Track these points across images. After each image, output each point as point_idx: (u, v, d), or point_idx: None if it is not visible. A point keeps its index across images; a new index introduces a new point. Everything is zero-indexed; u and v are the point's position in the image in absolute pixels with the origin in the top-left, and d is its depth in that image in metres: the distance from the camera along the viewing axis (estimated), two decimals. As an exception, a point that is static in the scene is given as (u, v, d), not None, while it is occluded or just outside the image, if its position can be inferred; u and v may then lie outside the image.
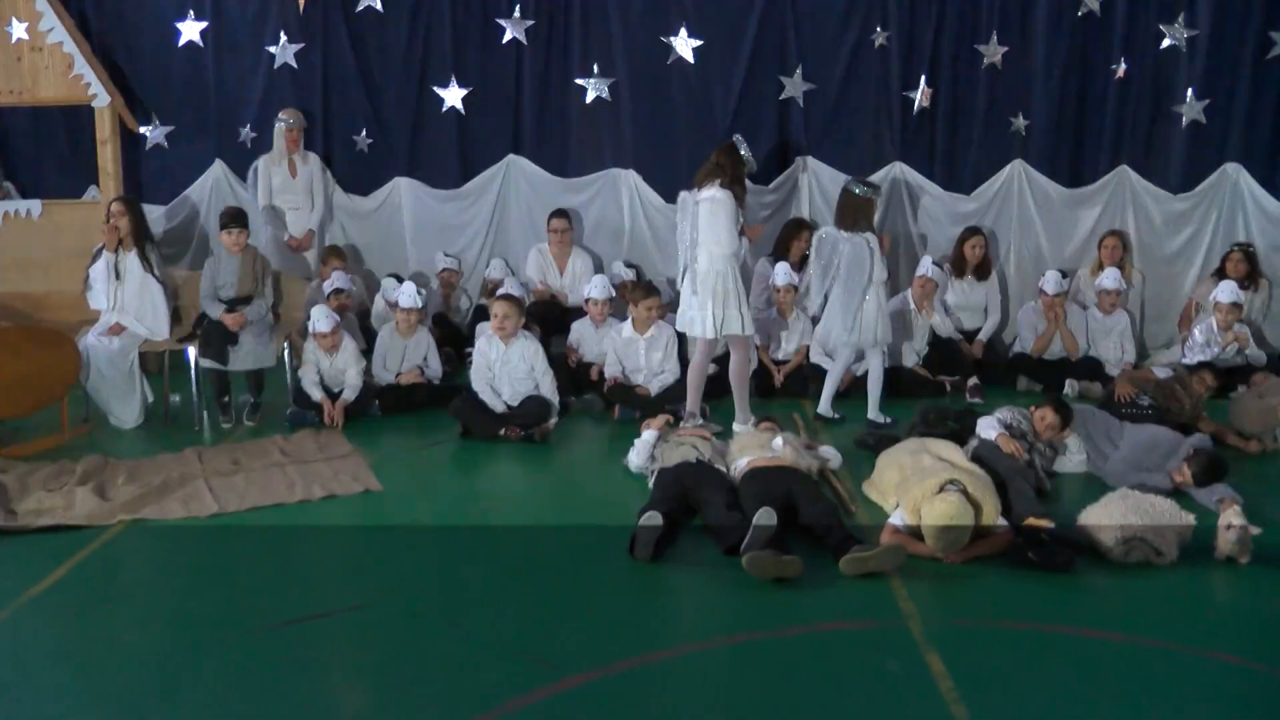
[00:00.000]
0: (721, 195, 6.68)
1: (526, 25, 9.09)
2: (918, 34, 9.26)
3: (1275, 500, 5.85)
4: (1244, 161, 9.60)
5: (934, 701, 3.86)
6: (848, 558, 4.85)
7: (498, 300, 7.24)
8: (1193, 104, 9.53)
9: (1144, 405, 6.89)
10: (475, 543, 5.33)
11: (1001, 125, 9.42)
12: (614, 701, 3.85)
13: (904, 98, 9.31)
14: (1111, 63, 9.44)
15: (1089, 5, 9.30)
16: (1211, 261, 9.59)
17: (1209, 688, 4.07)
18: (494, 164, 9.32)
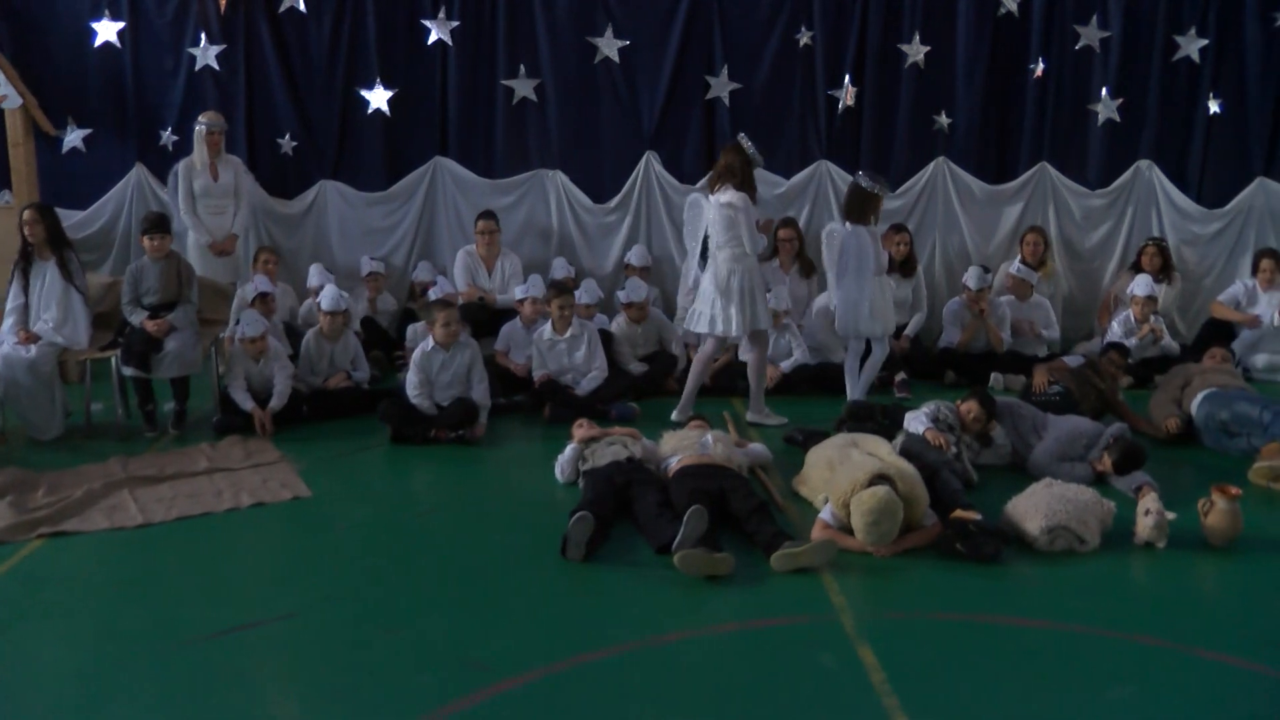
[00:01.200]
0: (739, 199, 6.90)
1: (452, 26, 9.04)
2: (842, 33, 9.37)
3: (1190, 486, 6.00)
4: (1156, 159, 9.90)
5: (866, 694, 3.92)
6: (779, 554, 4.89)
7: (440, 307, 7.17)
8: (1108, 103, 9.79)
9: (1052, 393, 7.02)
10: (408, 547, 5.28)
11: (925, 123, 9.57)
12: (550, 703, 3.85)
13: (829, 97, 9.42)
14: (1030, 62, 9.66)
15: (1007, 6, 9.49)
16: (1128, 256, 9.87)
17: (1131, 669, 4.17)
18: (420, 166, 9.26)
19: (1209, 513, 5.38)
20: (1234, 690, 4.06)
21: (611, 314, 8.50)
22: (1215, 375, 7.26)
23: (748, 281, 7.01)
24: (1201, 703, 3.95)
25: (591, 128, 9.30)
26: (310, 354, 7.51)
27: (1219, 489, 5.38)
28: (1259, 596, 4.92)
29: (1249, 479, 6.29)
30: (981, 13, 9.50)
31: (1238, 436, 6.84)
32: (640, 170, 9.29)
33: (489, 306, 8.63)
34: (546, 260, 9.21)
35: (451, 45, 9.08)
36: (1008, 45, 9.63)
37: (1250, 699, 4.01)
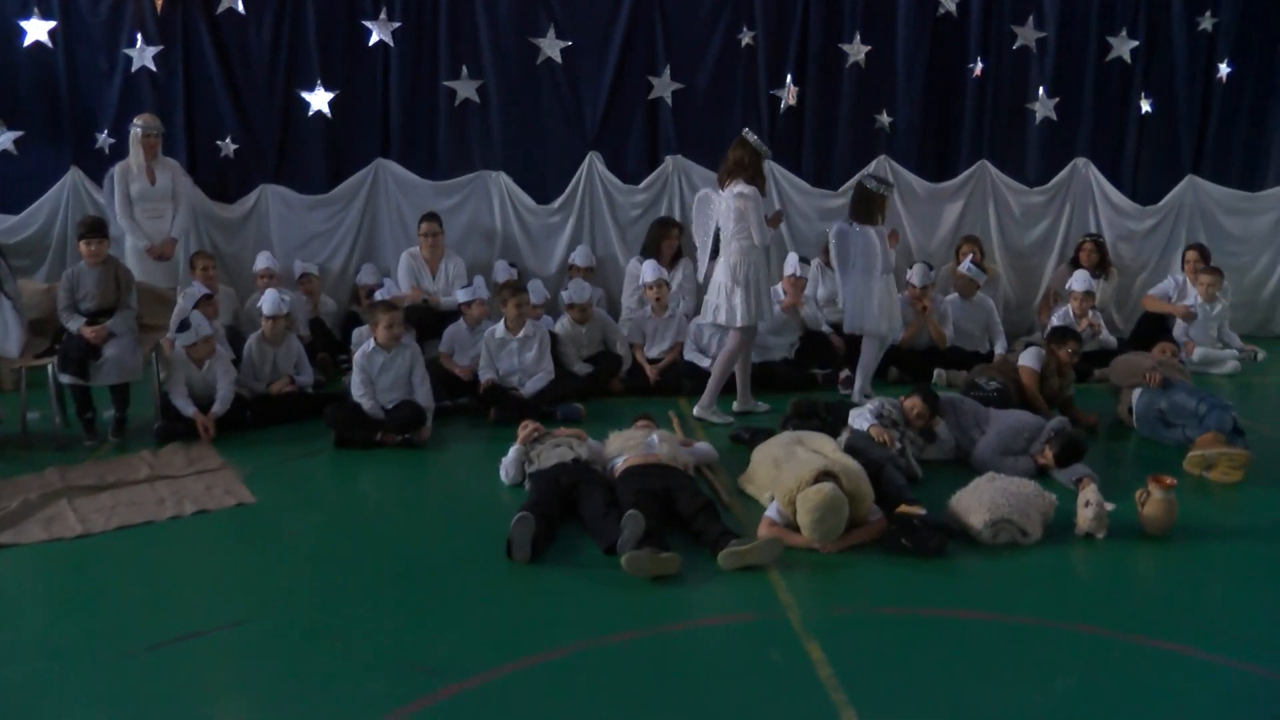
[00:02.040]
0: (750, 191, 7.03)
1: (393, 27, 8.97)
2: (783, 33, 9.44)
3: (1128, 478, 6.09)
4: (1092, 157, 10.11)
5: (814, 689, 3.94)
6: (726, 552, 4.91)
7: (381, 309, 7.11)
8: (1045, 102, 9.96)
9: (990, 390, 7.10)
10: (353, 552, 5.22)
11: (866, 122, 9.67)
12: (498, 706, 3.84)
13: (771, 96, 9.47)
14: (969, 62, 9.79)
15: (946, 6, 9.62)
16: (1066, 252, 10.05)
17: (1073, 659, 4.24)
18: (362, 168, 9.18)
19: (1146, 503, 5.49)
20: (1171, 675, 4.15)
21: (556, 315, 8.48)
22: (1138, 364, 7.39)
23: (754, 273, 7.13)
24: (1141, 689, 4.02)
25: (534, 129, 9.28)
26: (253, 359, 7.43)
27: (1155, 480, 5.49)
28: (1194, 583, 5.04)
29: (1184, 468, 6.41)
30: (921, 13, 9.62)
31: (1174, 427, 6.99)
32: (583, 171, 9.29)
33: (433, 309, 8.57)
34: (491, 261, 9.18)
35: (393, 46, 9.01)
36: (947, 45, 9.77)
37: (1186, 682, 4.10)
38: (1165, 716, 3.85)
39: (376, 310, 7.14)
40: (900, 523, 5.24)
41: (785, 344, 8.55)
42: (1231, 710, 3.92)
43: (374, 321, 7.06)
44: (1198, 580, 5.07)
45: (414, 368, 7.03)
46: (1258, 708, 3.95)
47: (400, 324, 7.04)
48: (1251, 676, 4.15)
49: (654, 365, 8.20)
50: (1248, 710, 3.93)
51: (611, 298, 9.22)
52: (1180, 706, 3.92)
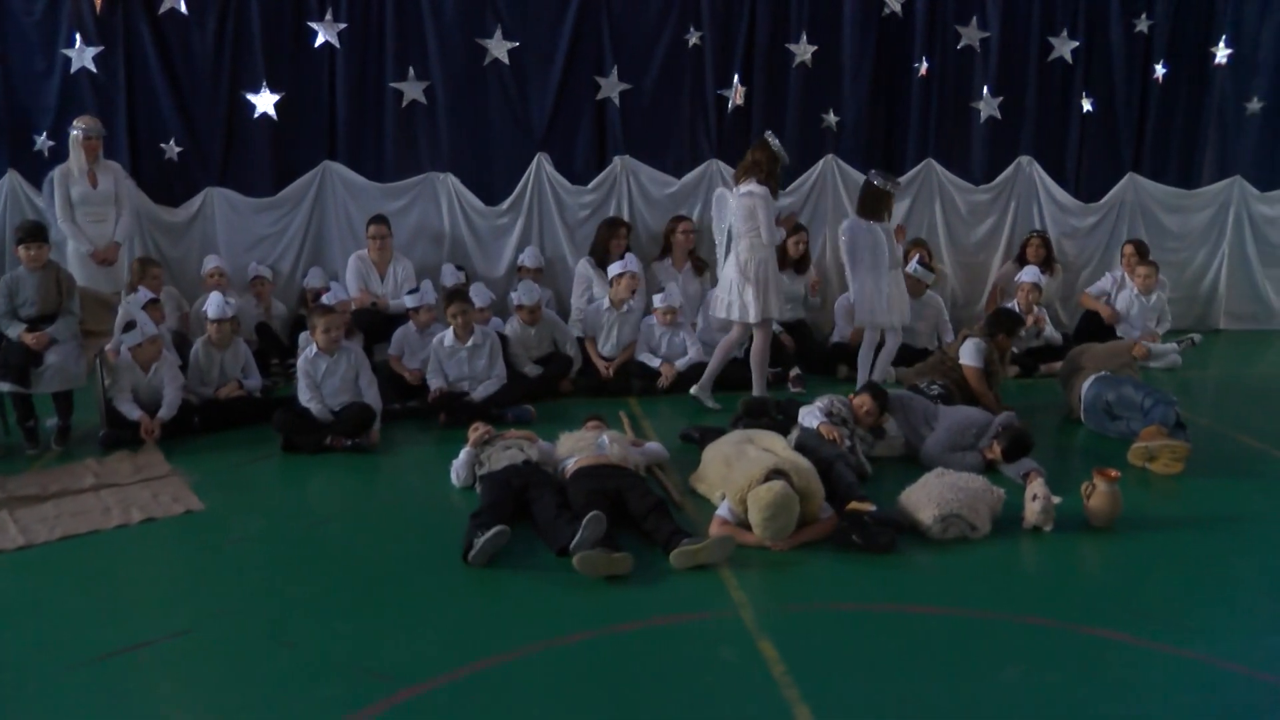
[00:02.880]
0: (761, 191, 7.22)
1: (339, 28, 8.88)
2: (730, 34, 9.47)
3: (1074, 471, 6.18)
4: (1036, 155, 10.27)
5: (768, 687, 3.97)
6: (678, 551, 4.92)
7: (318, 313, 7.09)
8: (989, 101, 10.09)
9: (933, 393, 7.16)
10: (303, 557, 5.18)
11: (813, 122, 9.72)
12: (452, 710, 3.82)
13: (719, 96, 9.50)
14: (914, 61, 9.88)
15: (891, 6, 9.71)
16: (1012, 249, 10.19)
17: (1021, 650, 4.30)
18: (309, 170, 9.08)
19: (1091, 496, 5.58)
20: (1114, 662, 4.22)
21: (505, 316, 8.46)
22: (1117, 350, 7.49)
23: (763, 271, 7.29)
24: (1085, 677, 4.09)
25: (482, 130, 9.23)
26: (200, 363, 7.34)
27: (1099, 473, 5.58)
28: (1136, 573, 5.13)
29: (1128, 459, 6.53)
30: (866, 13, 9.70)
31: (1119, 419, 7.11)
32: (531, 172, 9.26)
33: (382, 311, 8.51)
34: (439, 264, 9.12)
35: (339, 48, 8.92)
36: (892, 45, 9.86)
37: (1128, 670, 4.17)
38: (1109, 703, 3.91)
39: (314, 314, 7.12)
40: (851, 520, 5.27)
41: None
42: (1172, 696, 3.99)
43: (312, 326, 7.03)
44: (1140, 570, 5.15)
45: (360, 371, 6.99)
46: (1198, 693, 4.02)
47: (339, 327, 7.01)
48: (1191, 662, 4.24)
49: (605, 361, 8.21)
50: (1188, 695, 4.00)
51: (561, 299, 9.20)
52: (1123, 693, 3.99)
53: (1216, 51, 10.64)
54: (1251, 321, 11.23)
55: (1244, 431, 7.42)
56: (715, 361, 7.72)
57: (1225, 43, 10.65)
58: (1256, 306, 11.24)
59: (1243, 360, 9.98)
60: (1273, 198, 11.04)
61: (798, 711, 3.79)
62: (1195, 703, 3.95)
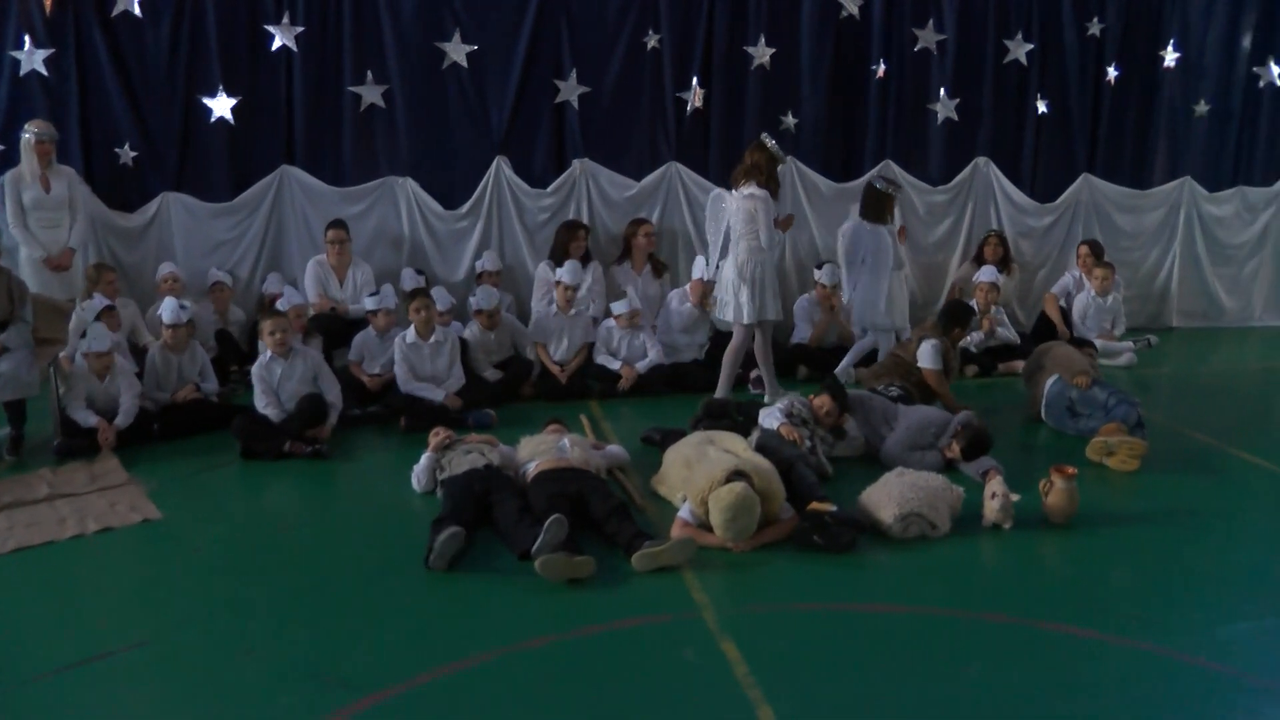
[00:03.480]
0: (761, 193, 7.34)
1: (296, 31, 8.79)
2: (689, 36, 9.47)
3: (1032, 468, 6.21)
4: (992, 156, 10.37)
5: (731, 687, 3.98)
6: (639, 554, 4.93)
7: (265, 316, 7.07)
8: (946, 102, 10.17)
9: (891, 395, 7.21)
10: (263, 565, 5.14)
11: (772, 124, 9.73)
12: (415, 717, 3.81)
13: (677, 99, 9.51)
14: (871, 63, 9.94)
15: (849, 9, 9.76)
16: (970, 249, 10.28)
17: (982, 646, 4.36)
18: (267, 175, 8.96)
19: (1049, 493, 5.65)
20: (1074, 657, 4.28)
21: (464, 321, 8.43)
22: (1077, 361, 7.57)
23: (759, 273, 7.39)
24: (1045, 672, 4.15)
25: (441, 134, 9.18)
26: (157, 369, 7.25)
27: (1057, 470, 5.65)
28: (1094, 568, 5.20)
29: (1086, 454, 6.62)
30: (824, 16, 9.74)
31: (1080, 416, 7.19)
32: (490, 176, 9.21)
33: (341, 317, 8.45)
34: (399, 268, 9.05)
35: (296, 51, 8.83)
36: (850, 47, 9.90)
37: (1088, 664, 4.23)
38: (1068, 698, 3.97)
39: (263, 318, 7.08)
40: (812, 520, 5.30)
41: (695, 345, 8.61)
42: (1131, 688, 4.05)
43: (262, 330, 6.99)
44: (1098, 565, 5.23)
45: (318, 373, 6.96)
46: (1156, 685, 4.09)
47: (288, 329, 6.97)
48: (1148, 655, 4.31)
49: (560, 367, 8.17)
50: (1146, 688, 4.06)
51: (521, 303, 9.16)
52: (1082, 688, 4.04)
53: (1165, 55, 10.81)
54: (1202, 319, 11.42)
55: (1197, 428, 7.54)
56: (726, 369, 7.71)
57: (1173, 47, 10.82)
58: (1207, 304, 11.44)
59: (1195, 358, 10.13)
60: (1221, 198, 11.25)
61: (761, 712, 3.81)
62: (1152, 695, 4.01)
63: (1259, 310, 11.66)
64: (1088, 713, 3.88)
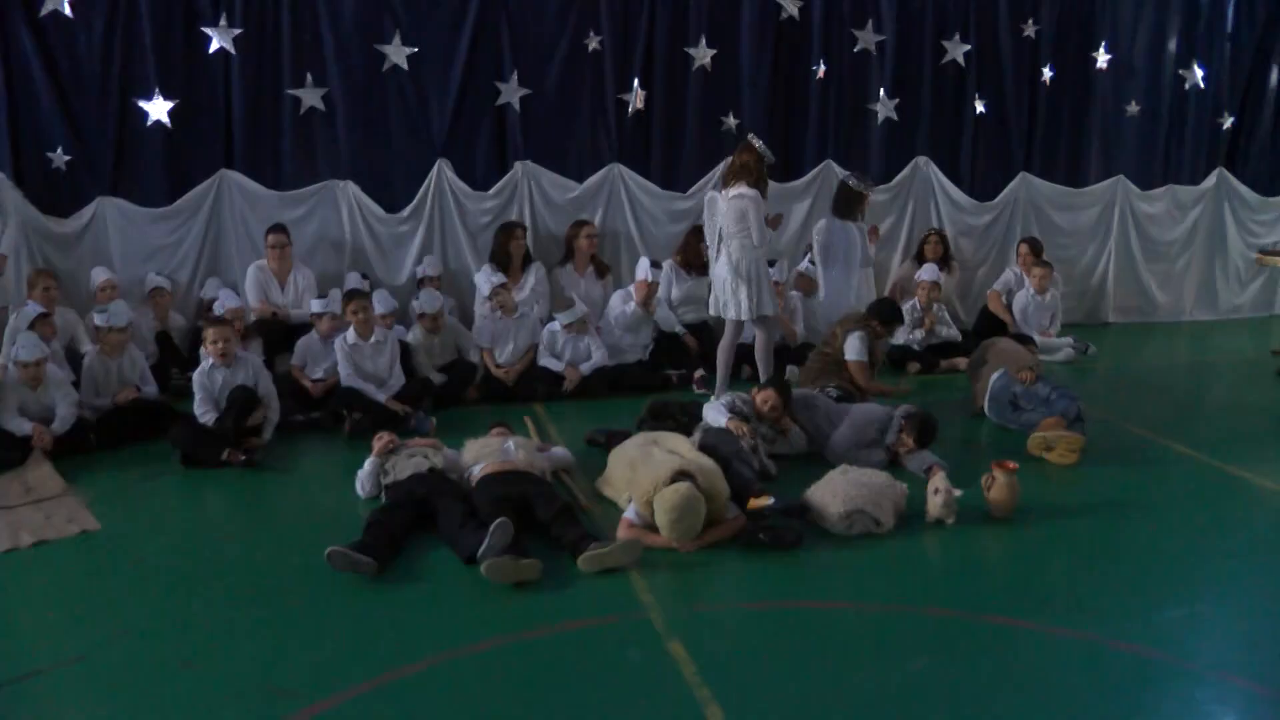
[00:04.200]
0: (751, 193, 7.38)
1: (234, 34, 8.66)
2: (630, 38, 9.48)
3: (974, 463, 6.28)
4: (931, 155, 10.49)
5: (679, 688, 3.99)
6: (586, 555, 4.92)
7: (209, 325, 6.96)
8: (885, 103, 10.28)
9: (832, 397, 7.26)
10: (204, 575, 5.05)
11: (713, 125, 9.79)
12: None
13: (619, 100, 9.51)
14: (812, 64, 10.01)
15: (788, 10, 9.82)
16: (910, 248, 10.40)
17: (926, 640, 4.41)
18: (205, 179, 8.82)
19: (991, 487, 5.73)
20: (1017, 649, 4.36)
21: (407, 325, 8.37)
22: (1020, 356, 7.67)
23: (755, 270, 7.45)
24: (989, 664, 4.21)
25: (382, 137, 9.10)
26: (95, 375, 7.10)
27: (999, 465, 5.74)
28: (1036, 561, 5.29)
29: (1027, 449, 6.72)
30: (764, 17, 9.80)
31: (1021, 411, 7.31)
32: (432, 179, 9.16)
33: (283, 322, 8.36)
34: (340, 273, 8.97)
35: (234, 53, 8.70)
36: (790, 48, 9.98)
37: (1031, 655, 4.31)
38: (1012, 689, 4.02)
39: (206, 325, 6.98)
40: (756, 518, 5.32)
41: (639, 346, 8.62)
42: (1071, 678, 4.12)
43: (205, 337, 6.89)
44: (1040, 558, 5.31)
45: (259, 380, 6.88)
46: (1095, 673, 4.16)
47: (232, 339, 6.88)
48: (1088, 644, 4.38)
49: (505, 370, 8.14)
50: (1087, 676, 4.13)
51: (464, 306, 9.12)
52: (1025, 678, 4.10)
53: (1097, 56, 11.03)
54: (1138, 315, 11.66)
55: (1133, 421, 7.69)
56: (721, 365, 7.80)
57: (1105, 48, 11.04)
58: (1142, 300, 11.69)
59: (1131, 352, 10.33)
60: (1153, 196, 11.52)
61: (709, 711, 3.82)
62: (1092, 683, 4.08)
63: (1190, 306, 11.95)
64: (1031, 702, 3.94)
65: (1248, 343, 10.90)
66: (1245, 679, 4.16)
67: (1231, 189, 11.86)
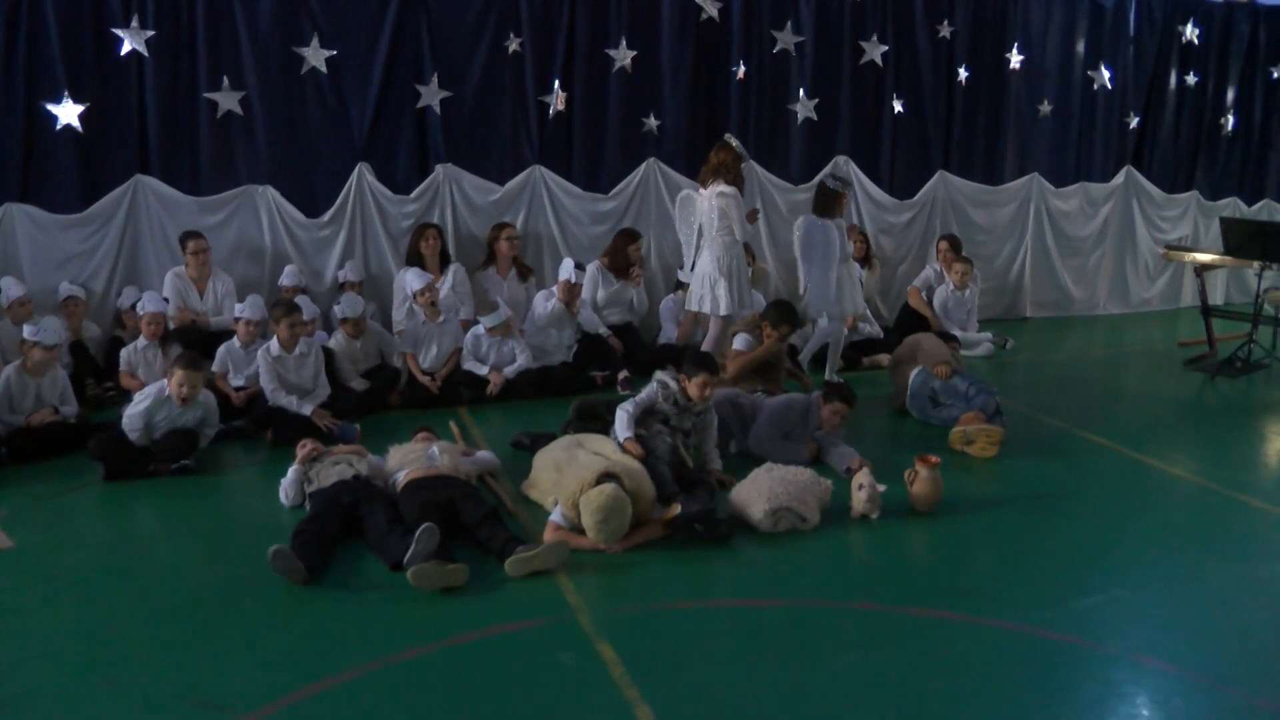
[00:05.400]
0: (731, 191, 7.60)
1: (147, 36, 8.46)
2: (550, 40, 9.46)
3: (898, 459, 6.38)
4: (851, 154, 10.63)
5: (608, 689, 4.01)
6: (513, 559, 4.92)
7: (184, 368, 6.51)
8: (805, 103, 10.39)
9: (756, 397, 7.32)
10: (127, 589, 4.94)
11: (635, 126, 9.81)
12: (287, 735, 3.73)
13: (540, 102, 9.49)
14: (732, 65, 10.08)
15: (708, 11, 9.88)
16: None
17: (855, 634, 4.47)
18: (120, 185, 8.60)
19: (914, 482, 5.82)
20: (941, 640, 4.43)
21: (330, 331, 8.27)
22: (939, 352, 7.79)
23: (736, 265, 7.69)
24: (915, 656, 4.28)
25: (301, 141, 8.96)
26: (12, 391, 6.86)
27: (921, 459, 5.83)
28: (959, 553, 5.39)
29: (948, 443, 6.86)
30: (684, 18, 9.84)
31: (941, 406, 7.44)
32: (353, 182, 9.05)
33: (202, 329, 8.21)
34: (261, 279, 8.83)
35: (147, 56, 8.50)
36: (710, 49, 10.04)
37: (955, 646, 4.38)
38: (938, 679, 4.09)
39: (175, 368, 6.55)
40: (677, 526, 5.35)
41: (563, 347, 8.61)
42: (994, 666, 4.21)
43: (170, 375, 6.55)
44: (963, 550, 5.42)
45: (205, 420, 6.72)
46: (1017, 661, 4.25)
47: (199, 385, 6.59)
48: (1010, 633, 4.49)
49: (429, 376, 8.07)
50: (1009, 664, 4.23)
51: (386, 311, 9.03)
52: (951, 669, 4.18)
53: (1011, 57, 11.28)
54: (1054, 309, 11.96)
55: (1050, 413, 7.87)
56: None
57: (1018, 49, 11.29)
58: (1058, 295, 11.99)
59: (1048, 346, 10.55)
60: (1066, 193, 11.83)
61: (639, 711, 3.84)
62: (1015, 670, 4.18)
63: (1103, 299, 12.29)
64: (956, 692, 4.01)
65: (1157, 334, 11.24)
66: (1158, 659, 4.30)
67: (1139, 186, 12.24)
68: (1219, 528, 5.83)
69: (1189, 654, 4.36)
